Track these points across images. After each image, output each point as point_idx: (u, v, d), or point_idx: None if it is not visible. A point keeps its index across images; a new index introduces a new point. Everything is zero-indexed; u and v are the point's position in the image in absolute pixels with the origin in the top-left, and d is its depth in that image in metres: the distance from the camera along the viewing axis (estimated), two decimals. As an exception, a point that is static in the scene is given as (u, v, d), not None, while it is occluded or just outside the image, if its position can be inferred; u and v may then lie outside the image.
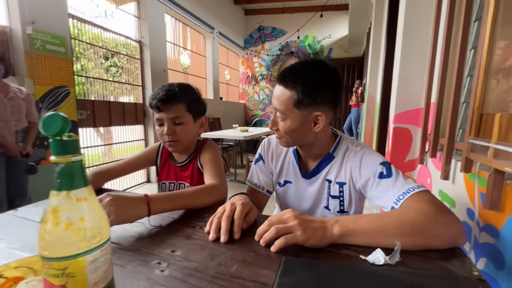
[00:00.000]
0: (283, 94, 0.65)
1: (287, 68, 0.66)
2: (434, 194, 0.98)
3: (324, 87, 0.64)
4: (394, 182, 0.61)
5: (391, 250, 0.45)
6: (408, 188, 0.57)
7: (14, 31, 2.14)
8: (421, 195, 0.55)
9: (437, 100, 0.92)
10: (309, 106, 0.64)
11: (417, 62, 1.16)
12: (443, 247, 0.48)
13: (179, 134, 0.83)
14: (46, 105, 2.32)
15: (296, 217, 0.49)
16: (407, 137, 1.20)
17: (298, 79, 0.63)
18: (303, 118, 0.66)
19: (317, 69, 0.64)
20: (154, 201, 0.58)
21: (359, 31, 4.78)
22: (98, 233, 0.30)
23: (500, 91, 0.57)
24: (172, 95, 0.81)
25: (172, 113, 0.81)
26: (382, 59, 2.42)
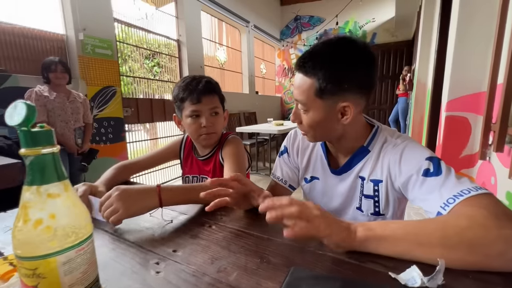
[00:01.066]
0: (303, 82, 0.56)
1: (307, 51, 0.56)
2: (500, 197, 0.80)
3: (350, 70, 0.53)
4: (444, 181, 0.48)
5: (433, 269, 0.35)
6: (462, 190, 0.45)
7: (69, 38, 2.39)
8: (480, 199, 0.43)
9: (506, 80, 0.73)
10: (333, 95, 0.54)
11: (477, 37, 0.95)
12: (508, 270, 0.36)
13: (216, 125, 0.84)
14: (97, 104, 2.56)
15: (319, 209, 0.42)
16: (464, 127, 1.00)
17: (318, 63, 0.53)
18: (328, 109, 0.56)
19: (341, 49, 0.54)
20: (166, 192, 0.56)
21: (408, 12, 4.26)
22: (72, 232, 0.28)
23: None
24: (212, 86, 0.82)
25: (211, 104, 0.82)
26: (435, 39, 2.10)
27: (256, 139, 3.77)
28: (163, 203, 0.56)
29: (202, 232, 0.51)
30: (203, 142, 0.86)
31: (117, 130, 2.76)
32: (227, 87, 4.90)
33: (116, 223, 0.51)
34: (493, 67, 0.84)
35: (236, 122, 4.48)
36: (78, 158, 2.05)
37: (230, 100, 4.63)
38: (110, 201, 0.51)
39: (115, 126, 2.74)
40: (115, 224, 0.51)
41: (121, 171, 0.82)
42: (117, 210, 0.50)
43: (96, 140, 2.54)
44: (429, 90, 2.08)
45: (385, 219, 0.66)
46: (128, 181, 0.87)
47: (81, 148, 2.07)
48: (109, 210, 0.51)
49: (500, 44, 0.82)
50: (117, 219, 0.50)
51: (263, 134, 4.00)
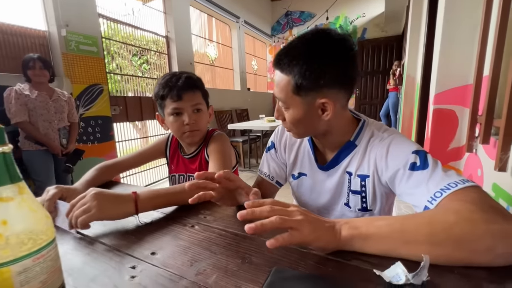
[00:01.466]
0: (280, 79, 0.55)
1: (284, 47, 0.55)
2: (486, 189, 0.81)
3: (325, 66, 0.51)
4: (430, 175, 0.47)
5: (418, 265, 0.34)
6: (449, 183, 0.44)
7: (51, 34, 2.31)
8: (467, 193, 0.42)
9: (491, 72, 0.73)
10: (310, 92, 0.53)
11: (463, 29, 0.95)
12: (495, 265, 0.35)
13: (199, 122, 0.81)
14: (83, 103, 2.49)
15: (303, 213, 0.39)
16: (452, 120, 1.01)
17: (293, 60, 0.52)
18: (307, 106, 0.55)
19: (316, 44, 0.51)
20: (143, 198, 0.54)
21: (397, 7, 4.28)
22: (29, 239, 0.26)
23: None
24: (192, 82, 0.79)
25: (193, 100, 0.79)
26: (423, 33, 2.11)
27: (248, 136, 3.75)
28: (140, 210, 0.53)
29: (183, 232, 0.49)
30: (187, 140, 0.83)
31: (105, 129, 2.69)
32: (218, 84, 4.85)
33: (84, 226, 0.46)
34: (478, 59, 0.84)
35: (228, 119, 4.45)
36: (63, 159, 1.98)
37: (221, 97, 4.62)
38: (83, 200, 0.48)
39: (103, 125, 2.67)
40: (82, 227, 0.47)
41: (103, 172, 0.79)
42: (89, 210, 0.47)
43: (83, 140, 2.48)
44: (418, 84, 2.10)
45: (373, 215, 0.65)
46: (111, 181, 0.84)
47: (66, 148, 2.00)
48: (81, 209, 0.47)
49: (486, 37, 0.82)
50: (88, 219, 0.46)
51: (255, 131, 3.98)
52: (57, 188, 0.59)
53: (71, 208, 0.49)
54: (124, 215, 0.51)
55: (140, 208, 0.52)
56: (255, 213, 0.38)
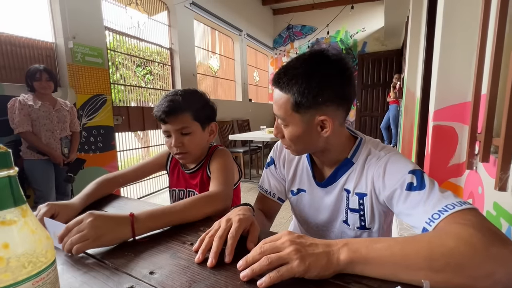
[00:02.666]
0: (279, 97, 0.57)
1: (282, 67, 0.57)
2: (487, 207, 0.80)
3: (324, 84, 0.53)
4: (428, 195, 0.48)
5: (417, 289, 0.34)
6: (446, 205, 0.44)
7: (58, 46, 2.37)
8: (465, 215, 0.42)
9: (489, 91, 0.75)
10: (309, 109, 0.54)
11: (461, 47, 0.97)
12: None
13: (187, 145, 0.78)
14: (86, 113, 2.52)
15: (293, 242, 0.39)
16: (451, 137, 1.01)
17: (292, 79, 0.53)
18: (306, 123, 0.56)
19: (314, 64, 0.54)
20: (141, 220, 0.53)
21: (396, 21, 4.38)
22: (29, 262, 0.26)
23: None
24: (176, 105, 0.75)
25: (178, 124, 0.77)
26: (422, 49, 2.15)
27: (249, 147, 3.76)
28: (137, 233, 0.52)
29: (182, 251, 0.49)
30: (179, 160, 0.83)
31: (107, 139, 2.71)
32: (220, 95, 4.91)
33: (80, 252, 0.47)
34: (476, 77, 0.85)
35: (229, 129, 4.47)
36: (64, 169, 1.99)
37: (223, 108, 4.66)
38: (82, 226, 0.48)
39: (105, 134, 2.69)
40: (77, 254, 0.47)
41: (103, 186, 0.79)
42: (86, 238, 0.47)
43: (85, 149, 2.49)
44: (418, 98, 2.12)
45: (371, 233, 0.65)
46: (112, 194, 0.84)
47: (68, 158, 2.01)
48: (78, 236, 0.47)
49: (483, 53, 0.84)
50: (84, 248, 0.46)
51: (256, 142, 3.99)
52: (48, 206, 0.59)
53: (66, 231, 0.48)
54: (121, 241, 0.51)
55: (137, 232, 0.52)
56: (248, 261, 0.40)
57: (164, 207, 0.59)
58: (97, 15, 2.61)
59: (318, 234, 0.74)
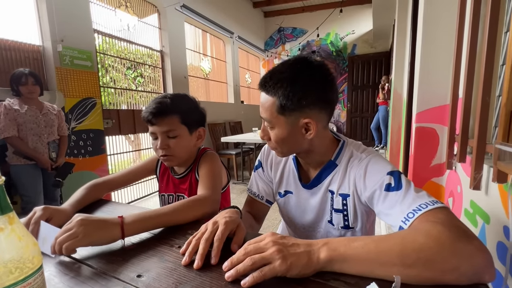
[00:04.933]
0: (266, 100, 0.59)
1: (269, 72, 0.60)
2: (465, 205, 0.84)
3: (308, 88, 0.56)
4: (404, 195, 0.51)
5: (390, 284, 0.36)
6: (420, 204, 0.47)
7: (46, 49, 2.33)
8: (436, 214, 0.45)
9: (464, 94, 0.79)
10: (294, 112, 0.57)
11: (440, 52, 1.01)
12: (462, 283, 0.37)
13: (173, 148, 0.78)
14: (75, 116, 2.49)
15: (276, 243, 0.41)
16: (433, 138, 1.05)
17: (278, 82, 0.56)
18: (291, 125, 0.59)
19: (299, 69, 0.57)
20: (130, 222, 0.54)
21: (384, 24, 4.49)
22: (16, 268, 0.27)
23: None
24: (164, 107, 0.76)
25: (164, 126, 0.77)
26: (407, 52, 2.22)
27: (241, 149, 3.78)
28: (126, 234, 0.53)
29: (170, 254, 0.50)
30: (164, 163, 0.83)
31: (96, 143, 2.68)
32: (212, 97, 4.90)
33: (70, 251, 0.47)
34: (454, 82, 0.89)
35: (222, 131, 4.47)
36: (52, 173, 1.96)
37: (215, 110, 4.67)
38: (69, 226, 0.49)
39: (95, 138, 2.66)
40: (67, 253, 0.47)
41: (92, 190, 0.80)
42: (75, 235, 0.47)
43: (74, 154, 2.46)
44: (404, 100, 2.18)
45: (355, 232, 0.68)
46: (101, 199, 0.84)
47: (55, 162, 1.98)
48: (67, 234, 0.48)
49: (459, 58, 0.88)
50: (73, 245, 0.47)
51: (248, 144, 4.01)
52: (43, 210, 0.59)
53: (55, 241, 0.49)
54: (110, 240, 0.52)
55: (126, 232, 0.53)
56: (233, 261, 0.42)
57: (153, 210, 0.61)
58: (85, 18, 2.58)
59: (305, 235, 0.76)
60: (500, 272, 0.57)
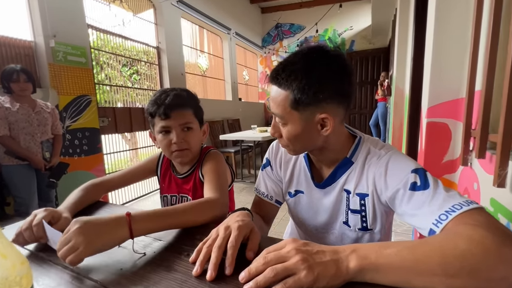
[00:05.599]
0: (278, 95, 0.54)
1: (280, 63, 0.54)
2: (484, 203, 0.80)
3: (325, 80, 0.51)
4: (433, 195, 0.46)
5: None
6: (453, 205, 0.43)
7: (38, 45, 2.25)
8: (473, 215, 0.40)
9: (484, 86, 0.74)
10: (309, 106, 0.52)
11: (454, 44, 0.97)
12: None
13: (189, 141, 0.76)
14: (70, 114, 2.41)
15: (299, 251, 0.37)
16: (445, 133, 1.01)
17: (291, 75, 0.51)
18: (306, 121, 0.54)
19: (314, 59, 0.52)
20: (138, 220, 0.49)
21: (383, 20, 4.45)
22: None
23: None
24: (182, 100, 0.75)
25: (182, 119, 0.75)
26: (410, 47, 2.18)
27: (240, 146, 3.73)
28: (135, 234, 0.48)
29: (178, 262, 0.45)
30: (176, 160, 0.79)
31: (92, 142, 2.61)
32: (210, 94, 4.84)
33: (75, 263, 0.42)
34: (470, 74, 0.85)
35: (220, 129, 4.42)
36: (46, 174, 1.89)
37: (213, 107, 4.60)
38: (67, 237, 0.43)
39: (90, 137, 2.59)
40: (73, 265, 0.42)
41: (89, 192, 0.74)
42: (76, 248, 0.42)
43: (69, 153, 2.39)
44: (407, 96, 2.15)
45: (373, 234, 0.63)
46: (99, 201, 0.79)
47: (49, 162, 1.91)
48: (66, 248, 0.42)
49: (477, 48, 0.84)
50: (76, 258, 0.42)
51: (247, 141, 3.96)
52: (46, 211, 0.54)
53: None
54: (119, 241, 0.47)
55: (135, 231, 0.48)
56: (252, 272, 0.37)
57: (163, 209, 0.56)
58: (79, 13, 2.49)
59: (317, 236, 0.72)
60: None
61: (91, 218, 0.46)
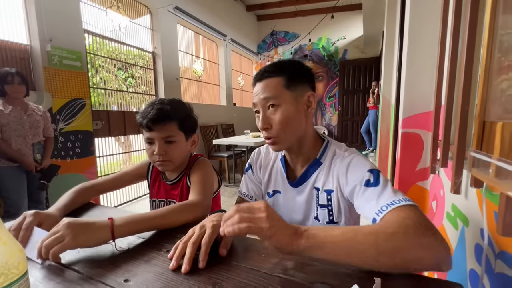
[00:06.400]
0: (270, 82, 0.65)
1: (266, 65, 0.67)
2: (447, 209, 0.87)
3: (305, 68, 0.68)
4: (381, 191, 0.55)
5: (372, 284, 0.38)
6: (393, 200, 0.51)
7: (34, 49, 2.29)
8: (406, 210, 0.48)
9: (446, 102, 0.82)
10: (298, 86, 0.65)
11: (425, 61, 1.05)
12: (423, 271, 0.42)
13: (170, 153, 0.79)
14: (63, 117, 2.44)
15: (267, 210, 0.43)
16: (418, 143, 1.09)
17: (281, 65, 0.66)
18: (296, 100, 0.65)
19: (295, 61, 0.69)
20: (120, 224, 0.54)
21: (374, 31, 4.59)
22: (0, 274, 0.27)
23: (506, 93, 0.47)
24: (164, 114, 0.76)
25: (163, 133, 0.78)
26: (396, 59, 2.28)
27: (233, 151, 3.78)
28: (116, 236, 0.53)
29: (157, 257, 0.50)
30: (159, 168, 0.83)
31: (85, 144, 2.63)
32: (205, 99, 4.89)
33: (56, 257, 0.46)
34: (436, 90, 0.93)
35: (214, 134, 4.46)
36: (37, 176, 1.91)
37: (207, 112, 4.65)
38: (55, 229, 0.48)
39: (83, 140, 2.61)
40: (54, 259, 0.46)
41: (80, 194, 0.79)
42: (62, 238, 0.47)
43: (61, 155, 2.41)
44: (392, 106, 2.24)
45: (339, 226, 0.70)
46: (90, 203, 0.83)
47: (40, 164, 1.94)
48: (54, 237, 0.47)
49: (442, 67, 0.92)
50: (61, 249, 0.46)
51: (240, 146, 4.01)
52: (35, 215, 0.58)
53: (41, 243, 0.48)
54: (100, 242, 0.52)
55: (116, 234, 0.53)
56: (225, 219, 0.44)
57: (144, 213, 0.61)
58: (75, 18, 2.54)
59: None
60: (477, 272, 0.60)
61: (79, 219, 0.52)
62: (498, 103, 0.51)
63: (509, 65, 0.49)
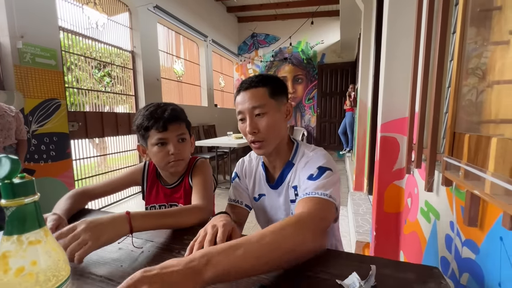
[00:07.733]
0: (257, 92, 0.71)
1: (250, 77, 0.75)
2: (421, 205, 0.99)
3: (283, 84, 0.76)
4: (313, 183, 0.64)
5: (368, 273, 0.45)
6: (317, 191, 0.60)
7: (3, 45, 2.14)
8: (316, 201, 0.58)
9: (419, 110, 0.93)
10: (281, 96, 0.74)
11: (401, 69, 1.17)
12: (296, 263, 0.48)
13: (183, 152, 0.83)
14: (37, 119, 2.31)
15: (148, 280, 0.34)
16: (394, 146, 1.20)
17: (266, 78, 0.73)
18: (278, 109, 0.73)
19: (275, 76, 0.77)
20: (136, 218, 0.58)
21: (350, 37, 4.83)
22: (53, 276, 0.29)
23: (472, 109, 0.57)
24: (178, 113, 0.83)
25: (179, 131, 0.82)
26: (371, 65, 2.44)
27: (216, 152, 3.78)
28: (134, 230, 0.56)
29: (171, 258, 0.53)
30: (171, 170, 0.84)
31: (60, 147, 2.50)
32: (185, 100, 4.83)
33: (81, 259, 0.48)
34: (411, 98, 1.04)
35: (195, 135, 4.43)
36: None
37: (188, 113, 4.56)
38: (75, 234, 0.50)
39: (59, 142, 2.49)
40: (79, 261, 0.48)
41: (76, 200, 0.78)
42: (85, 242, 0.49)
43: (34, 159, 2.27)
44: (369, 109, 2.39)
45: None
46: (84, 209, 0.83)
47: None
48: (75, 243, 0.48)
49: (416, 77, 1.03)
50: (85, 253, 0.48)
51: (222, 148, 4.02)
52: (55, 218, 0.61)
53: (59, 237, 0.49)
54: (120, 236, 0.55)
55: (134, 227, 0.56)
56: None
57: (158, 210, 0.65)
58: (50, 14, 2.42)
59: None
60: (447, 258, 0.70)
61: (94, 219, 0.54)
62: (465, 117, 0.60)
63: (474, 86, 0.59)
